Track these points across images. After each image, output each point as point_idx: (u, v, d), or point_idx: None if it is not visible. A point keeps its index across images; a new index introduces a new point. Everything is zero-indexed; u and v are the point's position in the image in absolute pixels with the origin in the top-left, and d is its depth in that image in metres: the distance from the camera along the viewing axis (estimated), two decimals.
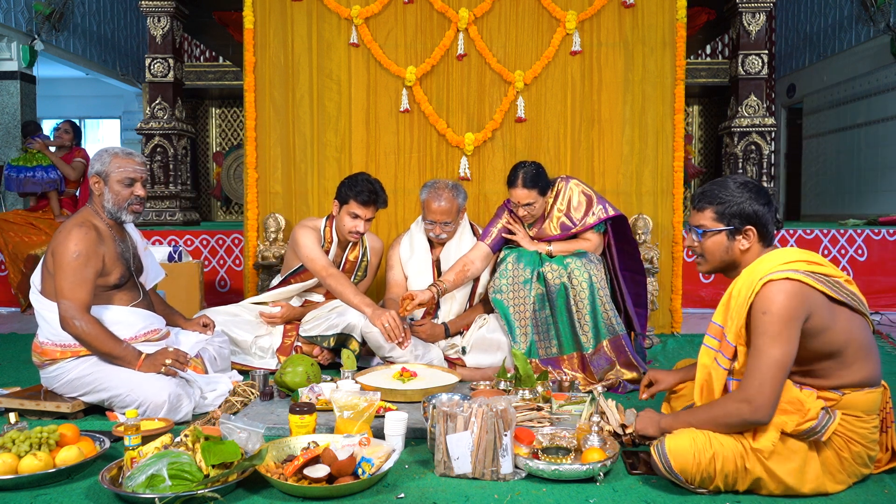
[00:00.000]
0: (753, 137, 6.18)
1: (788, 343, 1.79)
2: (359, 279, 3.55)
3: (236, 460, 1.89)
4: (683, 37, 4.20)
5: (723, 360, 1.90)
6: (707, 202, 1.97)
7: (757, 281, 1.83)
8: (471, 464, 1.97)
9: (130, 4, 10.42)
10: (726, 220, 1.94)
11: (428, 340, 3.29)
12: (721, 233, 1.95)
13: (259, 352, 3.41)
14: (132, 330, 2.65)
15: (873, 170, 8.45)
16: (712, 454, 1.82)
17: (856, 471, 1.89)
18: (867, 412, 1.87)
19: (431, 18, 4.22)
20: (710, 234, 1.97)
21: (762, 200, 1.93)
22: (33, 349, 2.64)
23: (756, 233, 1.93)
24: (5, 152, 7.76)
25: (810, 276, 1.82)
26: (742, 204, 1.92)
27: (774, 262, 1.86)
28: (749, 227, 1.93)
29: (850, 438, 1.87)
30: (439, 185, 3.38)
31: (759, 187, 1.95)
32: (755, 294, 1.82)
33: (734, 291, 1.90)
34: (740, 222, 1.93)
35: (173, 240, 5.37)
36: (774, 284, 1.80)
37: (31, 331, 4.56)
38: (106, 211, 2.66)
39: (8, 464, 1.93)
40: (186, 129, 6.50)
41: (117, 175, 2.63)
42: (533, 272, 3.18)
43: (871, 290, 5.41)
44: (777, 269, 1.83)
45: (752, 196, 1.92)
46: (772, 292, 1.79)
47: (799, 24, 9.88)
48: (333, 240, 3.47)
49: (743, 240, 1.94)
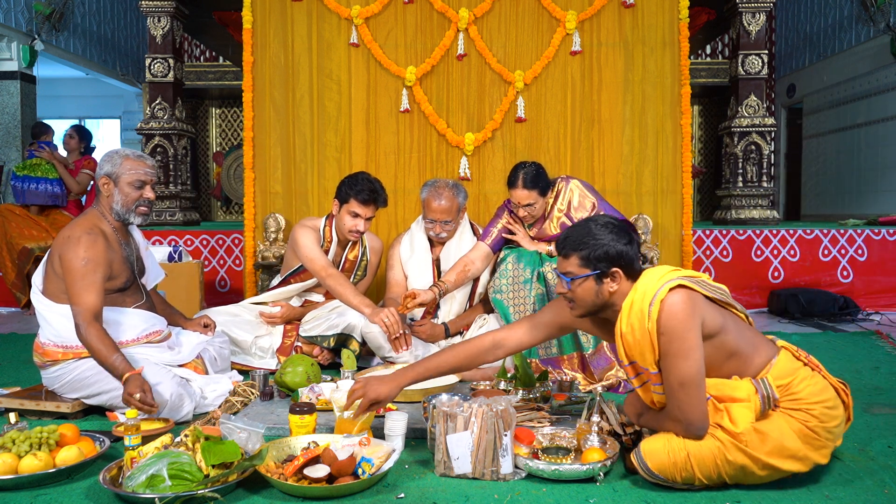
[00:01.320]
0: (753, 137, 6.18)
1: (695, 354, 1.82)
2: (358, 278, 3.55)
3: (236, 460, 1.89)
4: (687, 37, 4.20)
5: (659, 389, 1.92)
6: (571, 248, 1.98)
7: (647, 307, 1.85)
8: (471, 464, 1.97)
9: (130, 4, 10.42)
10: (592, 265, 1.95)
11: (428, 340, 3.29)
12: (589, 278, 1.96)
13: (259, 352, 3.41)
14: (135, 332, 2.66)
15: (873, 170, 8.45)
16: (686, 454, 1.85)
17: (830, 428, 1.89)
18: (788, 374, 1.90)
19: (431, 18, 4.22)
20: (578, 280, 1.97)
21: (624, 240, 1.95)
22: (35, 349, 2.64)
23: (622, 273, 1.95)
24: (5, 152, 7.76)
25: (687, 279, 1.87)
26: (606, 247, 1.93)
27: (648, 284, 1.89)
28: (615, 268, 1.94)
29: (806, 405, 1.87)
30: (440, 183, 3.39)
31: (619, 226, 1.98)
32: (655, 317, 1.83)
33: (624, 329, 1.91)
34: (606, 265, 1.94)
35: (173, 240, 5.37)
36: (665, 301, 1.83)
37: (31, 331, 4.57)
38: (114, 212, 2.66)
39: (8, 464, 1.93)
40: (186, 129, 6.50)
41: (128, 177, 2.63)
42: (533, 272, 3.18)
43: (871, 290, 5.42)
44: (658, 287, 1.86)
45: (614, 237, 1.94)
46: (664, 310, 1.82)
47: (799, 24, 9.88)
48: (333, 239, 3.47)
49: (611, 282, 1.96)
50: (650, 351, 1.87)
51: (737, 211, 6.20)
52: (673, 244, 4.26)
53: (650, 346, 1.86)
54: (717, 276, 5.43)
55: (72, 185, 5.51)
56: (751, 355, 1.93)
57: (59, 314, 2.54)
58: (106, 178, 2.64)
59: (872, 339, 4.22)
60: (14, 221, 5.24)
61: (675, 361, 1.82)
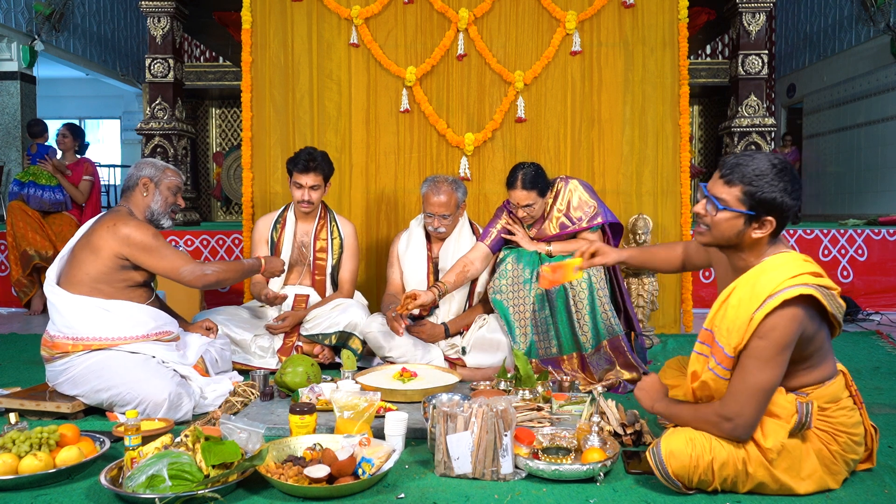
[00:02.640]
0: (753, 137, 6.19)
1: (778, 368, 1.76)
2: (336, 257, 3.60)
3: (236, 460, 1.89)
4: (686, 37, 4.20)
5: (722, 372, 1.83)
6: (739, 179, 1.80)
7: (766, 296, 1.74)
8: (471, 464, 1.97)
9: (130, 4, 10.43)
10: (751, 204, 1.79)
11: (428, 341, 3.29)
12: (741, 215, 1.81)
13: (259, 351, 3.40)
14: (145, 328, 2.67)
15: (873, 170, 8.46)
16: (711, 458, 1.81)
17: (848, 460, 1.89)
18: (834, 400, 1.88)
19: (431, 18, 4.22)
20: (729, 212, 1.82)
21: (794, 195, 1.79)
22: (42, 343, 2.66)
23: (774, 225, 1.81)
24: (5, 152, 7.76)
25: (820, 290, 1.76)
26: (774, 194, 1.77)
27: (781, 273, 1.78)
28: (770, 217, 1.80)
29: (834, 430, 1.87)
30: (439, 178, 3.41)
31: (794, 177, 1.81)
32: (766, 312, 1.73)
33: (733, 300, 1.81)
34: (765, 211, 1.79)
35: (173, 240, 5.36)
36: (784, 312, 1.72)
37: (32, 331, 4.57)
38: (149, 211, 2.83)
39: (8, 464, 1.93)
40: (186, 129, 6.50)
41: (168, 182, 2.86)
42: (533, 272, 3.18)
43: (871, 290, 5.42)
44: (787, 286, 1.74)
45: (786, 187, 1.78)
46: (777, 314, 1.72)
47: (799, 24, 9.88)
48: (289, 220, 3.61)
49: (759, 229, 1.82)
50: (738, 335, 1.77)
51: None
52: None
53: (742, 331, 1.77)
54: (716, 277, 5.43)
55: (77, 196, 5.51)
56: (813, 369, 1.87)
57: (73, 304, 2.59)
58: (147, 180, 2.83)
59: (872, 339, 4.22)
60: (23, 221, 5.26)
61: (760, 365, 1.75)
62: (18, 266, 5.21)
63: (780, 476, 1.83)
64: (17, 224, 5.24)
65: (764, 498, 1.85)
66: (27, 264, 5.17)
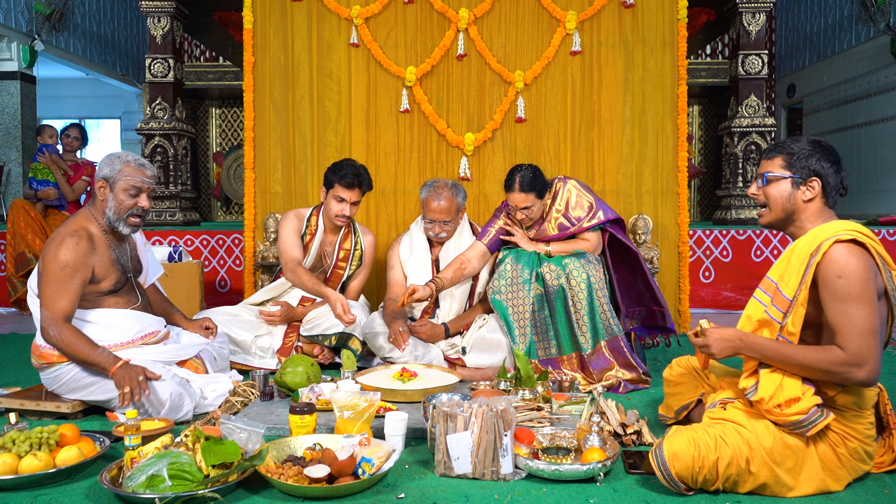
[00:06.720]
0: (753, 137, 6.18)
1: (872, 302, 1.79)
2: (354, 268, 3.58)
3: (236, 460, 1.89)
4: (685, 37, 4.20)
5: (775, 313, 1.90)
6: (778, 152, 2.01)
7: (823, 239, 1.84)
8: (471, 464, 1.97)
9: (130, 4, 10.42)
10: (794, 169, 1.97)
11: (428, 341, 3.29)
12: (786, 179, 1.98)
13: (259, 351, 3.41)
14: (128, 334, 2.63)
15: (873, 170, 8.45)
16: (716, 458, 1.81)
17: (855, 467, 1.90)
18: (862, 407, 1.88)
19: (431, 18, 4.22)
20: (775, 180, 1.99)
21: (831, 159, 1.96)
22: (32, 351, 2.63)
23: (820, 185, 1.95)
24: (5, 152, 7.76)
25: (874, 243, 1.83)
26: (813, 156, 1.95)
27: (838, 226, 1.88)
28: (814, 178, 1.95)
29: (846, 434, 1.87)
30: (439, 184, 3.39)
31: (830, 148, 1.99)
32: (822, 253, 1.82)
33: (796, 249, 1.91)
34: (807, 173, 1.96)
35: (173, 240, 5.37)
36: (843, 246, 1.81)
37: (31, 331, 4.57)
38: (105, 217, 2.63)
39: (8, 464, 1.93)
40: (186, 129, 6.50)
41: (123, 183, 2.60)
42: (532, 273, 3.18)
43: None
44: (843, 231, 1.84)
45: (822, 153, 1.96)
46: (842, 255, 1.81)
47: (799, 24, 9.88)
48: (319, 227, 3.55)
49: (806, 190, 1.96)
50: (797, 276, 1.85)
51: (737, 211, 6.20)
52: (673, 244, 4.26)
53: (800, 272, 1.85)
54: (717, 276, 5.44)
55: (67, 193, 5.51)
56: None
57: None
58: (103, 182, 2.62)
59: None
60: (24, 220, 5.28)
61: (855, 304, 1.78)
62: (12, 265, 5.22)
63: (781, 476, 1.83)
64: (18, 223, 5.25)
65: (764, 498, 1.85)
66: (23, 266, 5.18)
